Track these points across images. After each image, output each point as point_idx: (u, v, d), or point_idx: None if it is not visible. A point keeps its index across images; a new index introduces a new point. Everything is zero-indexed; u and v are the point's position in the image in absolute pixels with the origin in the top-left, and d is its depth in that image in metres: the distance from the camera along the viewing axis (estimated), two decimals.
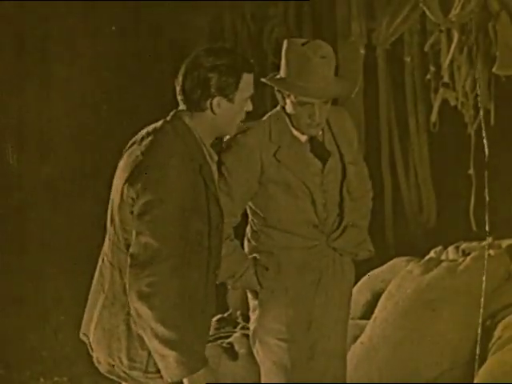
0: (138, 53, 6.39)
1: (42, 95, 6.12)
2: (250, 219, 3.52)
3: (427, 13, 5.33)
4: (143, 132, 2.88)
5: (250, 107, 2.90)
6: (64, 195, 6.18)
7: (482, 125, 4.86)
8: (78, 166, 6.20)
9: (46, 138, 6.17)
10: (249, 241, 3.53)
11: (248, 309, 3.63)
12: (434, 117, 5.70)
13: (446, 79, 5.50)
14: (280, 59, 3.38)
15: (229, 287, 3.51)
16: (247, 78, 2.85)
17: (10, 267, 6.04)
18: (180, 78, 2.84)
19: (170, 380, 2.77)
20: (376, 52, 5.94)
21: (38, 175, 6.11)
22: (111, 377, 2.91)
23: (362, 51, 5.83)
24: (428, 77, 5.76)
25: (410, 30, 5.79)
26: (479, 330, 4.45)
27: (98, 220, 5.81)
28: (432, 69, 5.69)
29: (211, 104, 2.82)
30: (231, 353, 4.90)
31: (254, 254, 3.48)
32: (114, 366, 2.87)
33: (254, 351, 3.55)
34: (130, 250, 2.75)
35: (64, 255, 6.12)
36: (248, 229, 3.54)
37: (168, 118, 2.87)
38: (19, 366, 5.45)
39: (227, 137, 3.30)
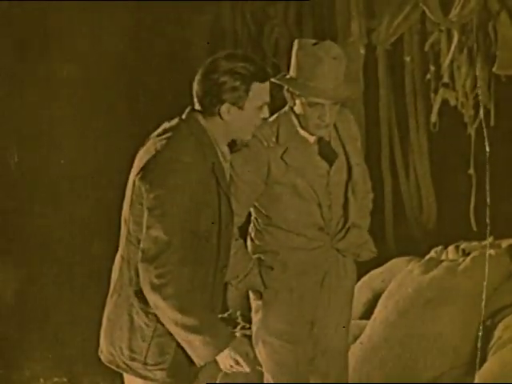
0: (138, 53, 6.39)
1: (42, 95, 6.12)
2: (253, 218, 3.51)
3: (427, 12, 5.33)
4: (160, 129, 2.90)
5: (266, 114, 2.89)
6: (65, 195, 6.18)
7: (483, 124, 4.86)
8: (79, 165, 6.20)
9: (47, 138, 6.16)
10: (252, 240, 3.52)
11: (248, 309, 3.62)
12: (434, 117, 5.70)
13: (445, 79, 5.51)
14: (280, 59, 3.37)
15: (231, 287, 3.51)
16: (259, 87, 2.83)
17: (11, 267, 6.03)
18: (195, 81, 2.85)
19: (201, 363, 2.80)
20: (376, 52, 5.94)
21: (39, 175, 6.11)
22: (111, 367, 2.93)
23: (362, 51, 5.82)
24: (428, 77, 5.76)
25: (410, 29, 5.79)
26: (480, 330, 4.45)
27: (99, 220, 5.83)
28: (432, 68, 5.69)
29: (219, 110, 2.82)
30: None
31: (259, 254, 3.48)
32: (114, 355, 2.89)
33: (257, 351, 3.54)
34: (141, 245, 2.77)
35: (64, 255, 6.12)
36: (251, 228, 3.53)
37: (183, 117, 2.88)
38: (19, 366, 5.45)
39: None
